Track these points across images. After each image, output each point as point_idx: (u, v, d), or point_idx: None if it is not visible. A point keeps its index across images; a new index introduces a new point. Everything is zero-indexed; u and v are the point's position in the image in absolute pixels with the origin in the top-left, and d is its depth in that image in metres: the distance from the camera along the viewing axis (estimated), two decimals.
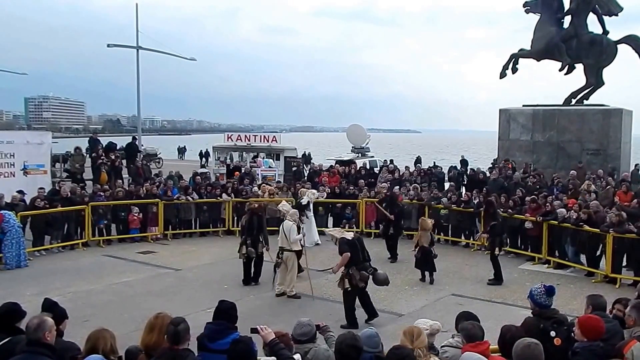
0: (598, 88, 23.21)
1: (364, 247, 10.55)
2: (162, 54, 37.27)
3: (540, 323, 5.55)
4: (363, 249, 10.49)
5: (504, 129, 23.75)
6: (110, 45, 34.78)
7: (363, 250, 10.47)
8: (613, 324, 5.61)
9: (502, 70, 24.26)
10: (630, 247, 13.12)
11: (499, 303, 11.72)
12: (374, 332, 5.14)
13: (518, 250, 16.03)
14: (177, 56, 39.64)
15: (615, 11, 22.37)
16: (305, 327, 5.25)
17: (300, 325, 5.27)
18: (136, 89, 32.86)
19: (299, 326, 5.26)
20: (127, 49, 34.06)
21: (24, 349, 4.61)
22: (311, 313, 9.95)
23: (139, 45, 32.90)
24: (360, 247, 10.47)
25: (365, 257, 10.48)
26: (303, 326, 5.25)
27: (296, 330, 5.24)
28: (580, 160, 21.04)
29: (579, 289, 12.63)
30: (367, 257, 10.52)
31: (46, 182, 18.77)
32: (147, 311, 9.47)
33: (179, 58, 39.94)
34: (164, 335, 4.79)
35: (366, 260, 10.45)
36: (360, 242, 10.64)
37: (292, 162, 28.44)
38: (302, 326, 5.25)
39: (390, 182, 20.51)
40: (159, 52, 36.28)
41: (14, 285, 12.56)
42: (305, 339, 5.19)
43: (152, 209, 17.66)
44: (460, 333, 5.08)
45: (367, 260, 10.49)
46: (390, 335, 8.54)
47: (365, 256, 10.47)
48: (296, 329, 5.25)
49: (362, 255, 10.41)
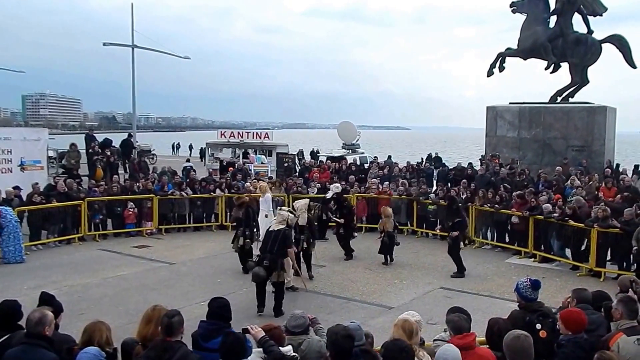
0: (583, 86, 23.56)
1: (277, 240, 10.33)
2: (157, 53, 37.50)
3: (526, 316, 5.65)
4: (276, 241, 10.31)
5: (491, 125, 24.05)
6: (106, 43, 35.04)
7: (275, 242, 10.30)
8: (598, 316, 5.76)
9: (490, 68, 24.49)
10: (614, 242, 13.35)
11: (486, 296, 11.90)
12: (357, 324, 5.29)
13: (504, 244, 16.27)
14: (172, 54, 39.80)
15: (600, 11, 22.72)
16: (300, 319, 5.43)
17: (295, 317, 5.46)
18: (131, 86, 33.09)
19: (293, 318, 5.45)
20: (122, 47, 34.25)
21: (22, 341, 4.73)
22: (302, 306, 10.20)
23: (134, 44, 33.09)
24: (274, 238, 10.34)
25: (272, 249, 10.29)
26: (297, 318, 5.44)
27: (290, 322, 5.42)
28: (566, 156, 21.39)
29: (564, 283, 12.85)
30: (273, 249, 10.29)
31: (42, 178, 18.95)
32: (141, 304, 9.66)
33: (173, 56, 40.13)
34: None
35: (271, 252, 10.26)
36: (279, 233, 10.47)
37: (284, 158, 28.71)
38: (297, 318, 5.44)
39: (381, 178, 20.83)
40: (154, 50, 36.48)
41: (12, 279, 12.72)
42: (299, 330, 5.37)
43: (146, 204, 17.92)
44: (447, 325, 5.18)
45: (272, 252, 10.26)
46: (380, 327, 8.85)
47: (270, 248, 10.30)
48: (290, 321, 5.43)
49: (270, 247, 10.31)
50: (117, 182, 18.91)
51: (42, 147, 20.43)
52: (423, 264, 14.82)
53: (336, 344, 4.53)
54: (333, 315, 10.25)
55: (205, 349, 5.25)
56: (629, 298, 5.50)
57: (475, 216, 16.82)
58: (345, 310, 10.86)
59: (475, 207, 16.74)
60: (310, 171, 22.81)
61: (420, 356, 4.76)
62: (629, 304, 5.33)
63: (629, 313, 5.26)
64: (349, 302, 11.46)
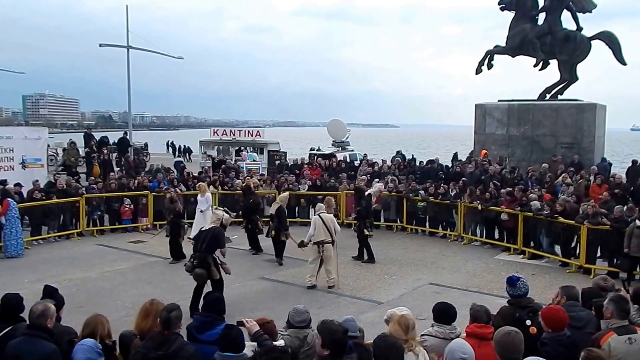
0: (572, 83, 23.58)
1: (206, 239, 10.14)
2: (151, 53, 37.69)
3: (515, 312, 5.70)
4: (205, 240, 10.13)
5: (480, 123, 24.08)
6: (102, 45, 35.21)
7: (204, 241, 10.12)
8: (586, 313, 5.76)
9: (478, 66, 24.46)
10: (604, 239, 13.42)
11: (475, 292, 11.96)
12: (351, 317, 5.47)
13: (494, 241, 16.36)
14: (166, 55, 40.03)
15: (589, 8, 22.73)
16: (304, 314, 5.55)
17: (299, 312, 5.57)
18: (127, 86, 33.22)
19: (298, 313, 5.55)
20: (118, 48, 34.51)
21: (24, 332, 4.82)
22: (293, 301, 10.33)
23: (129, 44, 33.31)
24: (204, 237, 10.19)
25: (200, 248, 10.13)
26: (302, 313, 5.55)
27: (295, 318, 5.52)
28: (555, 154, 21.43)
29: (554, 279, 12.94)
30: (202, 248, 10.10)
31: (43, 175, 19.51)
32: (137, 297, 9.87)
33: (167, 57, 40.35)
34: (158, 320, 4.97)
35: (200, 251, 10.10)
36: (209, 232, 10.30)
37: (275, 155, 28.83)
38: (301, 313, 5.55)
39: (370, 175, 20.88)
40: (149, 51, 36.73)
41: (14, 273, 13.05)
42: (303, 325, 5.50)
43: (142, 200, 18.30)
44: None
45: (202, 252, 10.08)
46: (370, 322, 8.92)
47: (200, 247, 10.14)
48: (295, 317, 5.53)
49: (199, 245, 10.17)
50: (115, 179, 19.32)
51: (43, 146, 20.98)
52: (412, 260, 14.89)
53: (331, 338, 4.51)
54: (324, 309, 10.33)
55: (199, 340, 5.33)
56: (620, 297, 5.45)
57: (464, 213, 16.89)
58: (336, 305, 10.95)
59: (465, 204, 16.79)
60: (302, 168, 22.86)
61: (416, 351, 4.84)
62: (620, 303, 5.29)
63: (620, 312, 5.23)
64: (339, 297, 11.54)
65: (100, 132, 46.41)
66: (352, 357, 4.58)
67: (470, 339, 4.87)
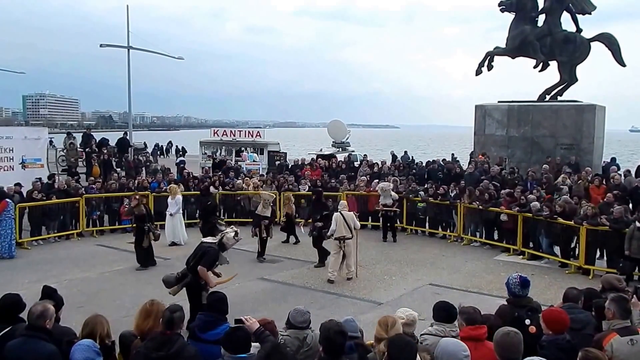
0: (572, 84, 23.63)
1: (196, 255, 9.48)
2: (151, 54, 37.73)
3: (514, 311, 5.68)
4: (195, 256, 9.49)
5: (480, 124, 24.11)
6: (103, 45, 35.22)
7: (195, 256, 9.58)
8: (585, 315, 5.76)
9: (478, 67, 24.48)
10: (603, 239, 13.43)
11: (475, 292, 11.98)
12: (351, 317, 5.51)
13: (493, 241, 16.39)
14: (166, 55, 40.11)
15: (589, 10, 22.78)
16: (306, 315, 5.54)
17: (301, 313, 5.55)
18: (127, 86, 33.28)
19: (299, 314, 5.53)
20: (118, 48, 34.52)
21: (23, 333, 4.83)
22: (293, 301, 10.39)
23: (129, 45, 33.35)
24: (194, 253, 9.59)
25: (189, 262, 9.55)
26: (304, 314, 5.54)
27: (296, 318, 5.50)
28: (548, 156, 21.44)
29: (553, 280, 13.00)
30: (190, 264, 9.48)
31: (42, 175, 19.42)
32: (137, 298, 9.83)
33: (167, 57, 40.44)
34: (159, 321, 4.98)
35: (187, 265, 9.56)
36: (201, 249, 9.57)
37: (275, 156, 28.89)
38: (303, 314, 5.54)
39: (370, 176, 20.92)
40: (149, 51, 36.73)
41: (13, 274, 13.05)
42: (305, 325, 5.50)
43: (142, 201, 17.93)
44: (460, 317, 5.18)
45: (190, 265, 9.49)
46: (370, 322, 8.89)
47: (188, 261, 9.59)
48: (296, 317, 5.51)
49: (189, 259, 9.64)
50: (115, 179, 19.31)
51: (42, 146, 21.06)
52: (412, 260, 14.92)
53: (329, 339, 4.54)
54: (324, 310, 10.34)
55: (202, 340, 5.34)
56: (621, 297, 5.44)
57: (463, 214, 16.93)
58: (336, 306, 10.97)
59: (464, 205, 16.83)
60: (302, 169, 22.91)
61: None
62: (621, 303, 5.27)
63: (622, 312, 5.21)
64: (339, 298, 11.57)
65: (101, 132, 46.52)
66: (352, 358, 4.60)
67: (466, 343, 4.78)
